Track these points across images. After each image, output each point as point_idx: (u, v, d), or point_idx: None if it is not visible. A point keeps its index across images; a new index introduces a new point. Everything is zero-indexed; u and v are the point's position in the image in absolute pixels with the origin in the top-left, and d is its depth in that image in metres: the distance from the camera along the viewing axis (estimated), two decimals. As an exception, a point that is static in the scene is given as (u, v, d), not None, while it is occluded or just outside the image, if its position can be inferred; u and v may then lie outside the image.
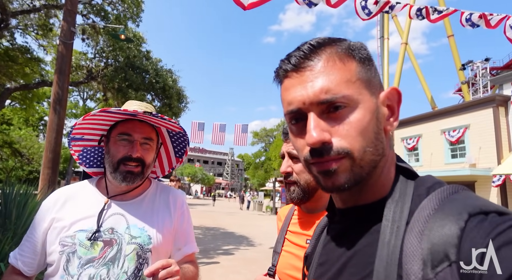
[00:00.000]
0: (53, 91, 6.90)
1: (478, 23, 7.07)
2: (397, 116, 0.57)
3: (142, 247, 1.12)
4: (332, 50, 0.54)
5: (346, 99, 0.51)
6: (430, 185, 0.52)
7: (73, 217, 1.12)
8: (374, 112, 0.53)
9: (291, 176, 1.15)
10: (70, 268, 1.05)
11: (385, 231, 0.49)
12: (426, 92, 26.01)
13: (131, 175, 1.15)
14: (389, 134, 0.58)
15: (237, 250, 8.95)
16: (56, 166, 6.81)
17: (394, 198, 0.52)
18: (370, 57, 0.57)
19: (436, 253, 0.41)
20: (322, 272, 0.60)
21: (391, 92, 0.57)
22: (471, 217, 0.42)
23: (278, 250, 1.20)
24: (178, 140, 1.36)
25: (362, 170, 0.52)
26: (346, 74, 0.52)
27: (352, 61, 0.54)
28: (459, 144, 14.84)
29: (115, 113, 1.15)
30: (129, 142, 1.16)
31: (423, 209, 0.47)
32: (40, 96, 17.26)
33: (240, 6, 5.40)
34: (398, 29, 27.24)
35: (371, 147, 0.52)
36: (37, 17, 10.77)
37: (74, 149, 1.27)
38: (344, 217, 0.60)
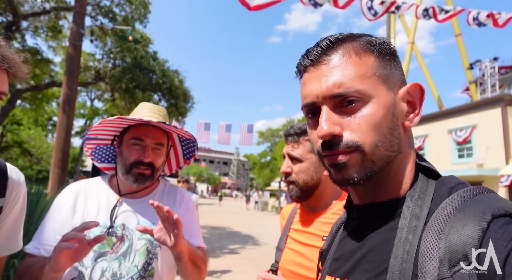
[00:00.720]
0: (62, 92, 7.04)
1: (485, 22, 7.01)
2: (419, 112, 0.56)
3: (151, 243, 1.18)
4: (350, 45, 0.55)
5: (359, 93, 0.51)
6: (453, 185, 0.51)
7: (88, 212, 1.19)
8: (389, 107, 0.53)
9: (290, 176, 1.20)
10: (85, 260, 1.11)
11: (402, 229, 0.48)
12: (433, 91, 25.77)
13: (142, 177, 1.21)
14: (409, 132, 0.57)
15: (242, 249, 9.00)
16: (65, 166, 6.94)
17: (413, 197, 0.52)
18: (394, 52, 0.57)
19: (455, 252, 0.40)
20: (336, 268, 0.59)
21: (412, 87, 0.56)
22: (495, 218, 0.41)
23: (281, 247, 1.24)
24: (187, 145, 1.43)
25: (373, 165, 0.52)
26: (361, 68, 0.53)
27: (370, 56, 0.54)
28: (466, 144, 14.69)
29: (131, 120, 1.20)
30: (141, 147, 1.22)
31: (444, 208, 0.46)
32: (49, 97, 17.54)
33: (245, 6, 5.45)
34: (404, 28, 27.03)
35: (384, 143, 0.51)
36: (47, 19, 10.96)
37: (88, 147, 1.35)
38: (361, 214, 0.59)
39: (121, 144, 1.25)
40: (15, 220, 0.97)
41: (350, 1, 6.25)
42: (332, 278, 0.59)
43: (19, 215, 0.99)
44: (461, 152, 15.06)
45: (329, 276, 0.60)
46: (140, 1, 10.63)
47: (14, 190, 0.94)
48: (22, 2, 10.06)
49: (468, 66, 21.90)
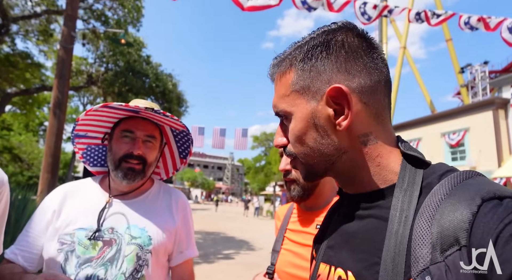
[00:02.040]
0: (53, 96, 6.92)
1: (477, 26, 7.11)
2: (347, 113, 0.53)
3: (142, 248, 1.09)
4: (281, 66, 0.60)
5: (283, 112, 0.59)
6: (442, 172, 0.51)
7: (74, 214, 1.10)
8: (308, 120, 0.56)
9: (290, 173, 1.13)
10: (68, 268, 1.03)
11: (393, 221, 0.49)
12: (425, 96, 26.09)
13: (132, 172, 1.13)
14: (355, 131, 0.54)
15: (237, 254, 8.90)
16: (55, 171, 6.80)
17: (402, 187, 0.51)
18: (312, 51, 0.55)
19: (446, 237, 0.41)
20: (330, 255, 0.60)
21: (330, 92, 0.53)
22: (485, 202, 0.41)
23: (277, 248, 1.18)
24: (182, 140, 1.34)
25: (312, 168, 0.59)
26: (282, 89, 0.59)
27: (289, 72, 0.58)
28: (459, 147, 14.85)
29: (117, 109, 1.13)
30: (131, 139, 1.15)
31: (434, 194, 0.46)
32: (40, 102, 17.30)
33: (238, 6, 5.44)
34: (396, 33, 27.44)
35: (312, 151, 0.57)
36: (38, 23, 10.84)
37: (78, 147, 1.26)
38: (352, 202, 0.60)
39: (111, 139, 1.18)
40: None
41: (344, 5, 6.29)
42: (326, 265, 0.60)
43: (2, 217, 0.93)
44: (454, 155, 15.21)
45: (324, 264, 0.62)
46: (133, 4, 10.58)
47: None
48: (12, 5, 9.93)
49: (459, 70, 22.26)
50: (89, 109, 1.13)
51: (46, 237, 1.09)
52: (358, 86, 0.53)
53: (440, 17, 7.16)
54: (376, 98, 0.55)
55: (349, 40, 0.54)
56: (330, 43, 0.54)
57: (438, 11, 7.16)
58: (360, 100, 0.53)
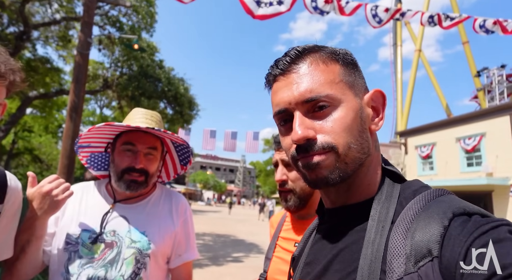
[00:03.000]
0: (69, 100, 7.17)
1: (492, 29, 6.95)
2: (382, 116, 0.60)
3: (140, 252, 1.14)
4: (316, 54, 0.58)
5: (329, 98, 0.54)
6: (417, 188, 0.54)
7: (80, 217, 1.17)
8: (357, 111, 0.56)
9: (287, 184, 1.15)
10: (71, 267, 1.08)
11: (371, 231, 0.51)
12: (441, 99, 25.50)
13: (135, 184, 1.18)
14: (375, 135, 0.60)
15: (246, 257, 8.91)
16: (71, 172, 7.03)
17: (380, 199, 0.54)
18: (355, 62, 0.61)
19: (420, 249, 0.43)
20: (308, 272, 0.61)
21: (375, 93, 0.60)
22: (455, 216, 0.44)
23: (270, 256, 1.20)
24: (182, 151, 1.39)
25: (346, 167, 0.54)
26: (329, 75, 0.56)
27: (335, 64, 0.57)
28: (475, 152, 14.43)
29: (119, 126, 1.18)
30: (133, 152, 1.19)
31: (409, 209, 0.49)
32: (60, 105, 17.89)
33: (250, 15, 5.52)
34: (411, 35, 26.97)
35: (356, 144, 0.54)
36: (57, 29, 11.26)
37: (82, 155, 1.33)
38: (332, 217, 0.62)
39: (114, 151, 1.23)
40: (9, 226, 0.98)
41: (355, 9, 6.27)
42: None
43: (13, 222, 1.00)
44: (470, 161, 14.79)
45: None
46: (146, 10, 10.86)
47: (12, 197, 0.97)
48: (33, 12, 10.36)
49: (476, 74, 21.68)
50: (92, 127, 1.19)
51: (53, 237, 1.16)
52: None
53: (454, 20, 7.04)
54: None
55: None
56: (356, 62, 0.62)
57: (452, 14, 7.05)
58: None
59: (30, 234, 1.03)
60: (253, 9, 5.47)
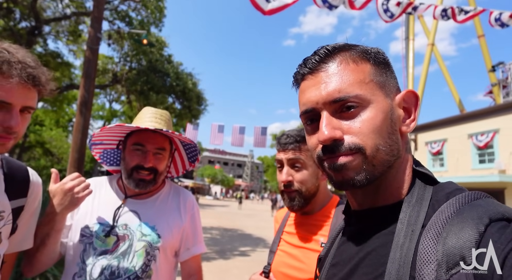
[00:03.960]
0: (79, 94, 7.26)
1: (508, 22, 6.75)
2: (414, 118, 0.58)
3: (151, 245, 1.20)
4: (347, 53, 0.57)
5: (359, 98, 0.53)
6: (450, 191, 0.51)
7: (94, 210, 1.23)
8: (387, 112, 0.54)
9: (292, 185, 1.16)
10: (86, 257, 1.15)
11: (400, 234, 0.49)
12: (454, 95, 24.99)
13: (143, 182, 1.23)
14: (406, 137, 0.58)
15: (253, 251, 8.98)
16: (81, 166, 7.15)
17: (410, 202, 0.52)
18: (387, 61, 0.59)
19: (452, 255, 0.41)
20: (334, 273, 0.60)
21: (407, 94, 0.58)
22: (492, 222, 0.42)
23: (274, 249, 1.25)
24: (190, 149, 1.45)
25: (374, 169, 0.52)
26: (359, 75, 0.55)
27: (366, 63, 0.56)
28: (488, 149, 14.14)
29: (130, 127, 1.24)
30: (143, 152, 1.24)
31: (442, 213, 0.46)
32: (70, 99, 18.17)
33: (260, 11, 5.47)
34: (424, 29, 26.39)
35: (384, 147, 0.53)
36: (68, 24, 11.37)
37: (95, 151, 1.40)
38: (359, 219, 0.60)
39: (125, 149, 1.28)
40: (31, 219, 1.05)
41: (366, 3, 6.15)
42: None
43: (35, 214, 1.06)
44: (482, 157, 14.51)
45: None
46: (155, 5, 10.87)
47: (34, 192, 1.03)
48: (45, 7, 10.48)
49: (491, 68, 21.14)
50: (104, 127, 1.25)
51: (69, 229, 1.22)
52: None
53: (468, 14, 6.84)
54: None
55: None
56: (388, 61, 0.60)
57: (466, 7, 6.85)
58: None
59: (50, 227, 1.08)
60: (262, 5, 5.42)
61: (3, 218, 0.89)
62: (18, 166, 1.01)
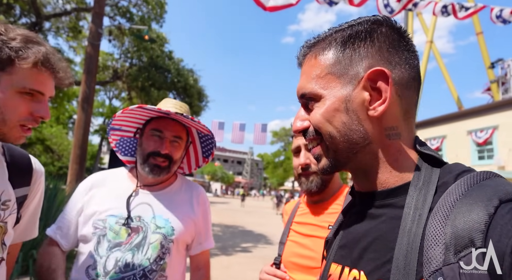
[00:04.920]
0: (81, 91, 7.26)
1: (510, 19, 6.76)
2: (385, 98, 0.53)
3: (165, 237, 1.20)
4: (315, 47, 0.60)
5: (312, 94, 0.58)
6: (459, 172, 0.50)
7: (106, 202, 1.22)
8: (340, 104, 0.55)
9: (310, 167, 1.20)
10: (100, 250, 1.14)
11: (407, 219, 0.48)
12: (453, 92, 25.00)
13: (158, 168, 1.23)
14: (385, 122, 0.54)
15: (255, 247, 9.02)
16: (83, 162, 7.17)
17: (417, 186, 0.51)
18: (356, 36, 0.55)
19: (461, 238, 0.39)
20: (342, 255, 0.60)
21: (371, 74, 0.53)
22: (503, 203, 0.40)
23: (284, 240, 1.26)
24: (206, 142, 1.44)
25: (336, 155, 0.57)
26: (316, 70, 0.58)
27: (328, 54, 0.57)
28: (487, 145, 14.20)
29: (150, 110, 1.24)
30: (160, 138, 1.25)
31: (450, 194, 0.45)
32: (70, 96, 18.13)
33: (260, 7, 5.47)
34: (423, 26, 26.36)
35: (339, 136, 0.55)
36: (68, 20, 11.33)
37: (113, 138, 1.40)
38: (364, 200, 0.59)
39: (142, 135, 1.29)
40: (34, 208, 1.04)
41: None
42: (338, 265, 0.59)
43: (38, 203, 1.06)
44: (481, 154, 14.57)
45: (335, 264, 0.61)
46: (156, 1, 10.84)
47: (37, 180, 1.02)
48: (45, 3, 10.44)
49: (490, 65, 21.14)
50: (126, 108, 1.24)
51: (80, 222, 1.22)
52: (396, 77, 0.54)
53: (469, 10, 6.85)
54: (409, 94, 0.56)
55: (392, 33, 0.56)
56: (374, 32, 0.55)
57: (467, 4, 6.86)
58: (396, 92, 0.54)
59: None
60: (263, 1, 5.42)
61: (9, 208, 0.88)
62: (20, 154, 0.99)
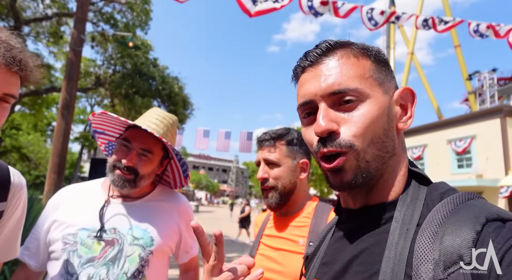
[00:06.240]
0: (61, 97, 7.03)
1: (486, 33, 7.06)
2: (411, 115, 0.58)
3: (144, 249, 1.12)
4: (348, 48, 0.57)
5: (358, 92, 0.53)
6: (444, 191, 0.52)
7: (76, 215, 1.14)
8: (385, 108, 0.54)
9: (268, 181, 1.18)
10: (70, 267, 1.05)
11: (394, 233, 0.49)
12: (433, 102, 25.88)
13: (121, 179, 1.14)
14: (402, 136, 0.59)
15: (239, 257, 8.91)
16: (62, 171, 6.89)
17: (405, 201, 0.52)
18: (387, 61, 0.60)
19: (450, 254, 0.41)
20: (325, 271, 0.59)
21: (404, 91, 0.58)
22: (489, 222, 0.42)
23: (253, 254, 1.23)
24: (181, 160, 1.33)
25: (368, 165, 0.52)
26: (359, 69, 0.55)
27: (366, 59, 0.57)
28: (466, 154, 14.68)
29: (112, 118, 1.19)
30: (128, 149, 1.17)
31: (438, 212, 0.47)
32: (49, 102, 17.55)
33: (246, 13, 5.50)
34: (404, 38, 27.34)
35: (377, 142, 0.53)
36: (49, 25, 11.04)
37: (101, 141, 1.34)
38: (352, 218, 0.59)
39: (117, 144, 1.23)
40: (14, 226, 0.93)
41: (350, 11, 6.30)
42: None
43: (19, 221, 0.94)
44: (460, 162, 15.04)
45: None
46: (141, 8, 10.74)
47: (16, 195, 0.91)
48: (25, 7, 10.14)
49: (467, 77, 22.04)
50: (103, 112, 1.20)
51: (50, 239, 1.12)
52: None
53: (448, 24, 7.12)
54: None
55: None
56: (388, 62, 0.60)
57: (446, 18, 7.13)
58: None
59: None
60: (249, 8, 5.46)
61: None
62: None
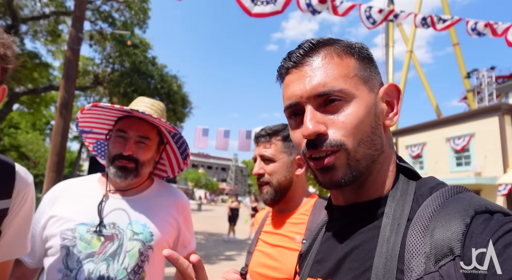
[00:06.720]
0: (59, 96, 7.01)
1: (484, 31, 7.06)
2: (397, 111, 0.58)
3: (144, 244, 1.12)
4: (331, 47, 0.56)
5: (343, 92, 0.53)
6: (433, 185, 0.53)
7: (74, 210, 1.13)
8: (371, 107, 0.54)
9: (263, 177, 1.20)
10: (69, 262, 1.05)
11: (386, 228, 0.49)
12: (432, 100, 25.90)
13: (124, 170, 1.15)
14: (389, 132, 0.59)
15: (239, 256, 8.91)
16: (61, 169, 6.88)
17: (395, 197, 0.53)
18: (371, 57, 0.59)
19: (440, 247, 0.41)
20: (318, 269, 0.59)
21: (389, 88, 0.58)
22: (477, 214, 0.43)
23: (251, 250, 1.25)
24: (179, 141, 1.35)
25: (358, 164, 0.53)
26: (343, 69, 0.54)
27: (350, 58, 0.56)
28: (464, 152, 14.71)
29: (107, 108, 1.17)
30: (124, 139, 1.17)
31: (428, 206, 0.47)
32: (48, 101, 17.50)
33: (246, 12, 5.48)
34: (403, 37, 27.32)
35: (367, 141, 0.53)
36: (47, 24, 11.00)
37: (88, 141, 1.32)
38: (343, 215, 0.60)
39: (111, 137, 1.22)
40: (22, 223, 0.92)
41: (349, 9, 6.28)
42: (314, 279, 0.59)
43: (27, 218, 0.94)
44: (459, 160, 15.07)
45: (311, 278, 0.60)
46: (139, 6, 10.70)
47: (21, 192, 0.90)
48: (22, 6, 10.10)
49: (466, 75, 22.06)
50: (83, 108, 1.18)
51: (47, 234, 1.11)
52: None
53: (446, 23, 7.12)
54: None
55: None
56: (372, 57, 0.60)
57: (444, 16, 7.12)
58: None
59: None
60: (249, 7, 5.44)
61: None
62: (1, 161, 0.87)
